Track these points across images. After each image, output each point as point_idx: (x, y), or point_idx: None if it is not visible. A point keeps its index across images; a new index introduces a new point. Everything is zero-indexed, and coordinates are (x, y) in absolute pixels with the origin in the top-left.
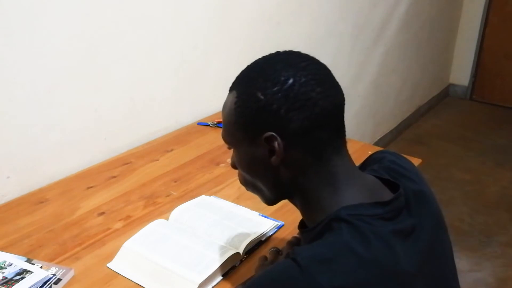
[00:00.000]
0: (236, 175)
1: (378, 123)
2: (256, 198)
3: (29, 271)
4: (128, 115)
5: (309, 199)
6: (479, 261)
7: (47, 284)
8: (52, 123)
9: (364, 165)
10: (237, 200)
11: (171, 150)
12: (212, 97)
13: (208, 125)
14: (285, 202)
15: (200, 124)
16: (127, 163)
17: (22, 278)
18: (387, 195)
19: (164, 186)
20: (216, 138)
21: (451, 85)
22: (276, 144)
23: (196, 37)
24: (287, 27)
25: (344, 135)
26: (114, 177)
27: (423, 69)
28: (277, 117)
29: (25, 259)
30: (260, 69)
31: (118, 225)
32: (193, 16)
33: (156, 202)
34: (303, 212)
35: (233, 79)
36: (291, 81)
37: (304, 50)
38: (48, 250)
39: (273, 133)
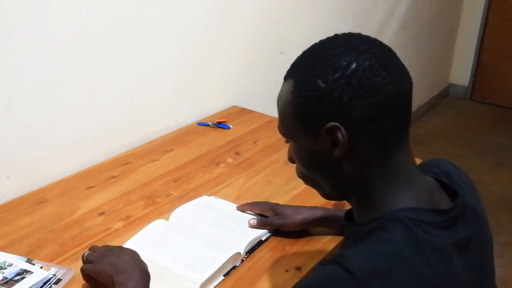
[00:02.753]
0: (235, 175)
1: None
2: (256, 198)
3: (29, 271)
4: (128, 115)
5: (366, 194)
6: None
7: (47, 284)
8: (52, 123)
9: (422, 167)
10: (237, 200)
11: (171, 150)
12: (212, 97)
13: (208, 125)
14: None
15: (200, 124)
16: (127, 163)
17: (22, 278)
18: (445, 201)
19: (164, 186)
20: (216, 138)
21: (451, 85)
22: (339, 135)
23: (196, 37)
24: (287, 27)
25: (409, 126)
26: (114, 177)
27: (423, 69)
28: (339, 106)
29: (25, 259)
30: (318, 54)
31: (118, 225)
32: (193, 16)
33: (156, 202)
34: (356, 207)
35: (233, 79)
36: (353, 66)
37: (304, 49)
38: (48, 250)
39: (336, 123)
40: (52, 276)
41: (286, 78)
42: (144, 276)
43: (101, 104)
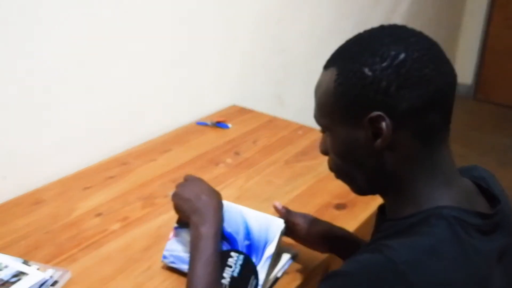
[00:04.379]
0: (235, 175)
1: None
2: (256, 198)
3: (25, 273)
4: (125, 114)
5: (405, 190)
6: None
7: (44, 286)
8: (48, 123)
9: (460, 171)
10: (237, 200)
11: (170, 150)
12: (212, 96)
13: (208, 124)
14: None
15: (199, 123)
16: (125, 163)
17: (19, 280)
18: (484, 206)
19: (163, 187)
20: (215, 138)
21: None
22: (384, 125)
23: (195, 35)
24: (288, 25)
25: (450, 123)
26: (112, 177)
27: None
28: (386, 95)
29: (22, 261)
30: (365, 43)
31: (116, 226)
32: (193, 15)
33: (154, 203)
34: (392, 201)
35: (233, 78)
36: (402, 56)
37: (305, 49)
38: (45, 251)
39: (381, 113)
40: (48, 278)
41: (327, 67)
42: (217, 220)
43: (99, 104)
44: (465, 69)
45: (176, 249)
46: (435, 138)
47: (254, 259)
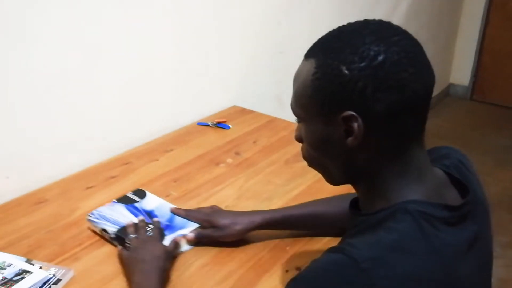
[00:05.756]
0: (235, 175)
1: None
2: (256, 198)
3: (28, 271)
4: (127, 114)
5: (376, 185)
6: None
7: (47, 284)
8: (51, 123)
9: (432, 158)
10: (237, 200)
11: (171, 150)
12: (212, 97)
13: (208, 125)
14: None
15: (200, 124)
16: (127, 163)
17: (22, 278)
18: (455, 196)
19: (164, 187)
20: (216, 138)
21: (451, 85)
22: (355, 125)
23: (196, 36)
24: (288, 26)
25: (426, 122)
26: (114, 177)
27: None
28: (361, 96)
29: (25, 260)
30: (347, 38)
31: None
32: (193, 15)
33: None
34: (364, 195)
35: (233, 78)
36: (381, 57)
37: (305, 50)
38: (47, 250)
39: (354, 113)
40: (51, 276)
41: (307, 56)
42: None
43: (101, 104)
44: (462, 70)
45: (104, 211)
46: (408, 139)
47: (166, 233)
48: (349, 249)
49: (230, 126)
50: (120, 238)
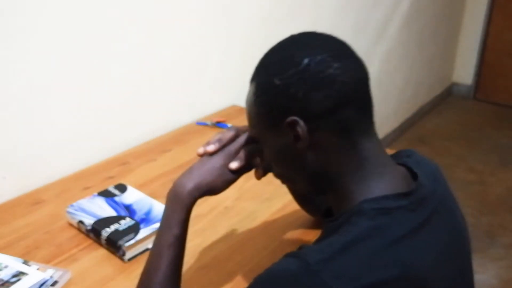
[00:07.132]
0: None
1: (380, 122)
2: (256, 198)
3: (25, 273)
4: (125, 114)
5: (338, 188)
6: (483, 262)
7: (44, 286)
8: (48, 123)
9: (396, 157)
10: (237, 201)
11: (170, 150)
12: (211, 96)
13: (207, 124)
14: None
15: (199, 123)
16: (125, 163)
17: (19, 280)
18: (413, 185)
19: (162, 187)
20: None
21: (454, 84)
22: (298, 128)
23: (195, 35)
24: (287, 25)
25: (372, 115)
26: (111, 177)
27: (426, 67)
28: (296, 101)
29: (22, 261)
30: (275, 55)
31: None
32: (192, 15)
33: None
34: (333, 204)
35: (233, 77)
36: (305, 61)
37: None
38: (44, 251)
39: (295, 118)
40: (48, 278)
41: (251, 81)
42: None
43: (98, 103)
44: (465, 69)
45: (84, 203)
46: (353, 132)
47: (142, 226)
48: (303, 253)
49: (230, 125)
50: (96, 230)
